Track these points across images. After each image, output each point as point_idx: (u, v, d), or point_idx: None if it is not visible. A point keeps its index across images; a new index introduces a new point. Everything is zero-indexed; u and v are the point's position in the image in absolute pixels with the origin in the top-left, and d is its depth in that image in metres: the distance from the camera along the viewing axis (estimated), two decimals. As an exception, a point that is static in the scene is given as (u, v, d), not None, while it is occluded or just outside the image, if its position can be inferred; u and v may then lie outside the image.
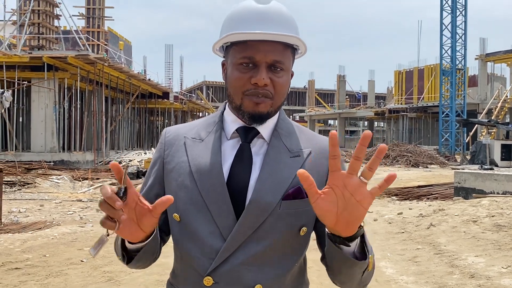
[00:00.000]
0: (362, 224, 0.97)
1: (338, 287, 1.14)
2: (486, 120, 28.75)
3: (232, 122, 1.18)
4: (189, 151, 1.17)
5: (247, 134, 1.15)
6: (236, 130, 1.17)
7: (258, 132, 1.16)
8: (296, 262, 1.15)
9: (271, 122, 1.18)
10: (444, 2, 31.93)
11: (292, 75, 1.20)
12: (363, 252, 1.01)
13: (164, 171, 1.19)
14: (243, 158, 1.13)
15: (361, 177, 0.91)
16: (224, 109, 1.22)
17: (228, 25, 1.14)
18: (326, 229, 0.99)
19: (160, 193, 1.19)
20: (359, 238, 0.99)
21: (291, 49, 1.16)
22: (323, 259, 1.15)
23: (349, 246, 0.99)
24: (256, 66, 1.10)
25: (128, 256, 1.11)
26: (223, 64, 1.21)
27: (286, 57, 1.13)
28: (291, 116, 75.08)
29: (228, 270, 1.08)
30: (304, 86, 69.69)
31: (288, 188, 1.11)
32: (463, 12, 31.92)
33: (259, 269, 1.09)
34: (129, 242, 1.07)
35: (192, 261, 1.12)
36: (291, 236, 1.11)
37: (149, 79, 26.35)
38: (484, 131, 29.40)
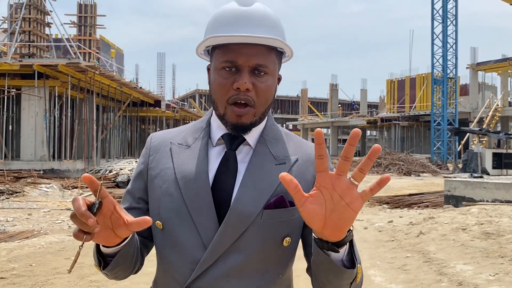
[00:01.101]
0: (351, 229, 0.92)
1: None
2: (478, 128, 28.96)
3: (218, 129, 1.14)
4: (175, 158, 1.13)
5: (232, 141, 1.12)
6: (222, 137, 1.13)
7: (244, 139, 1.12)
8: (280, 274, 1.10)
9: (257, 129, 1.14)
10: (435, 11, 32.28)
11: (279, 80, 1.16)
12: (351, 261, 0.95)
13: (148, 178, 1.16)
14: (228, 166, 1.09)
15: (351, 179, 0.85)
16: (211, 114, 1.18)
17: (211, 28, 1.10)
18: (313, 235, 0.93)
19: (144, 198, 1.17)
20: (347, 244, 0.93)
21: (276, 52, 1.11)
22: (308, 269, 1.11)
23: (338, 252, 0.92)
24: (239, 70, 1.06)
25: (105, 261, 1.06)
26: (208, 69, 1.16)
27: (271, 61, 1.09)
28: (284, 125, 75.25)
29: (208, 281, 1.04)
30: (297, 95, 69.95)
31: (271, 196, 1.06)
32: (454, 22, 32.26)
33: (240, 281, 1.05)
34: (104, 246, 1.03)
35: (173, 271, 1.08)
36: (273, 247, 1.07)
37: (141, 87, 26.28)
38: (475, 140, 29.63)
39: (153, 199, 1.13)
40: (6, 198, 11.95)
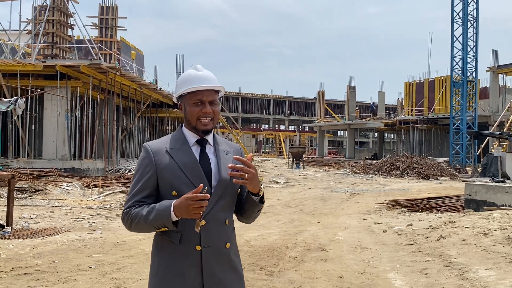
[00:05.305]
0: (261, 187, 2.06)
1: (242, 222, 2.23)
2: (498, 132, 28.47)
3: (192, 136, 2.11)
4: (174, 156, 2.05)
5: (202, 143, 2.11)
6: (196, 141, 2.10)
7: (207, 141, 2.12)
8: (233, 209, 2.16)
9: (211, 135, 2.14)
10: (455, 14, 31.83)
11: (220, 106, 2.16)
12: (261, 202, 2.10)
13: (157, 170, 2.03)
14: (204, 156, 2.09)
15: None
16: (181, 129, 2.14)
17: (185, 83, 2.11)
18: (248, 190, 2.07)
19: (155, 183, 2.05)
20: (260, 197, 2.08)
21: (217, 93, 2.16)
22: (235, 210, 2.18)
23: (257, 196, 2.07)
24: (203, 103, 2.09)
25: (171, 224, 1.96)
26: (179, 104, 2.16)
27: (216, 97, 2.14)
28: (300, 127, 74.86)
29: (212, 214, 2.03)
30: (314, 97, 69.61)
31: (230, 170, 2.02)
32: (474, 24, 31.75)
33: (225, 212, 2.08)
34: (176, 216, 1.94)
35: None
36: (234, 194, 2.12)
37: (160, 89, 26.50)
38: (495, 144, 29.10)
39: (165, 181, 2.03)
40: (29, 196, 12.17)
